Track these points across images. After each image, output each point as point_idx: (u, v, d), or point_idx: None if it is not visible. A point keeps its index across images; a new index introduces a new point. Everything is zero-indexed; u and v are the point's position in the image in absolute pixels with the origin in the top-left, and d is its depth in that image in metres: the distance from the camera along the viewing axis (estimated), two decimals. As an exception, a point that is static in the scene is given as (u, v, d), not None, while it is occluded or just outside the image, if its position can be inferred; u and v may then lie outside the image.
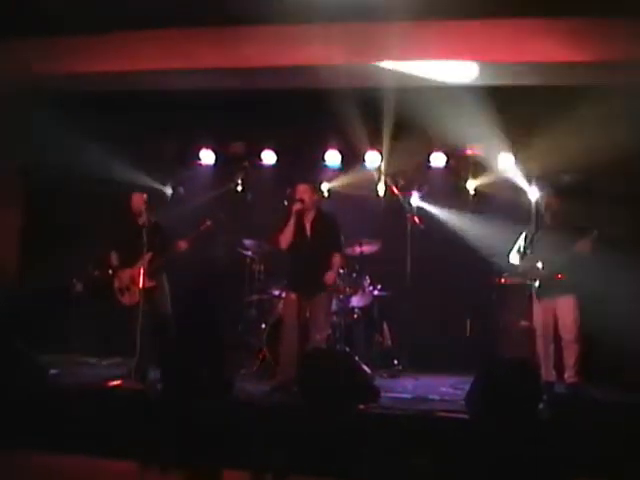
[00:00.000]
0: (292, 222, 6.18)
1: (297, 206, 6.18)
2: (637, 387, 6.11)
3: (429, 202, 7.96)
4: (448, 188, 8.27)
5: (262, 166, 8.54)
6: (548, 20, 5.98)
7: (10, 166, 8.35)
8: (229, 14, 6.21)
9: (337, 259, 6.30)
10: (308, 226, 6.31)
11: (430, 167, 8.21)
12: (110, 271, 6.91)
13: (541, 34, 5.97)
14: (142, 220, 6.64)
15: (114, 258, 6.87)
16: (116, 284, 6.77)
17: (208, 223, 6.79)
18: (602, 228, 5.92)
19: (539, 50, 6.00)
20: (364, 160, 8.24)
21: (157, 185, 8.16)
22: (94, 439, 4.96)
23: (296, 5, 5.96)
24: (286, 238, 6.21)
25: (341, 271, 7.39)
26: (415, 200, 7.66)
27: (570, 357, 6.02)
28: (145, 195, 6.79)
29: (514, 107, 7.24)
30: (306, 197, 6.23)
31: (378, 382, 6.22)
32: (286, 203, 7.70)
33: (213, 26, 6.44)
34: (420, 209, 7.69)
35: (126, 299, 6.69)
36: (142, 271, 6.45)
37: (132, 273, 6.62)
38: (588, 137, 7.14)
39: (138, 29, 6.40)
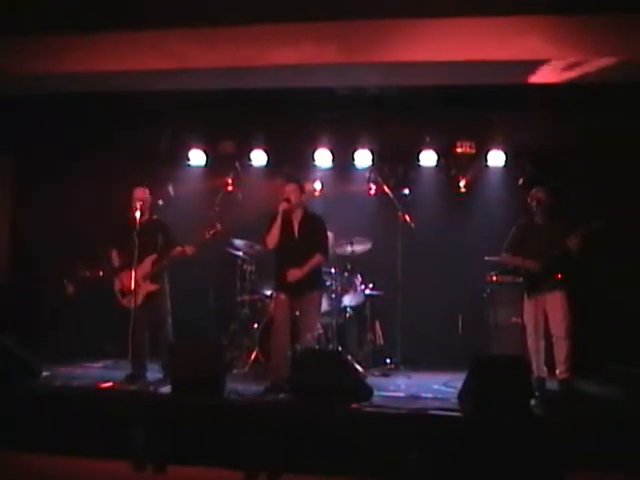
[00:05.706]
0: (279, 222, 6.15)
1: (284, 205, 6.13)
2: (626, 381, 6.14)
3: (420, 200, 7.98)
4: (439, 185, 8.27)
5: (253, 166, 8.51)
6: (535, 17, 6.01)
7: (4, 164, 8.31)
8: (219, 14, 6.21)
9: (315, 259, 6.18)
10: (296, 226, 6.26)
11: (420, 165, 8.21)
12: (114, 271, 6.62)
13: (528, 32, 5.99)
14: (143, 218, 6.44)
15: (115, 257, 6.64)
16: (117, 286, 6.55)
17: (218, 227, 6.57)
18: (592, 224, 5.94)
19: (526, 48, 6.01)
20: (354, 159, 8.24)
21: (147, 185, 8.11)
22: (87, 440, 4.96)
23: (286, 3, 5.97)
24: (273, 238, 6.16)
25: (332, 271, 7.41)
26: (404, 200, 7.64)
27: (561, 353, 6.05)
28: (147, 190, 6.61)
29: (503, 104, 7.28)
30: (293, 197, 6.19)
31: (371, 381, 6.23)
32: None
33: (204, 26, 6.43)
34: (410, 207, 7.68)
35: (127, 301, 6.43)
36: (144, 274, 6.40)
37: (134, 275, 6.32)
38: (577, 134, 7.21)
39: (129, 30, 6.39)
